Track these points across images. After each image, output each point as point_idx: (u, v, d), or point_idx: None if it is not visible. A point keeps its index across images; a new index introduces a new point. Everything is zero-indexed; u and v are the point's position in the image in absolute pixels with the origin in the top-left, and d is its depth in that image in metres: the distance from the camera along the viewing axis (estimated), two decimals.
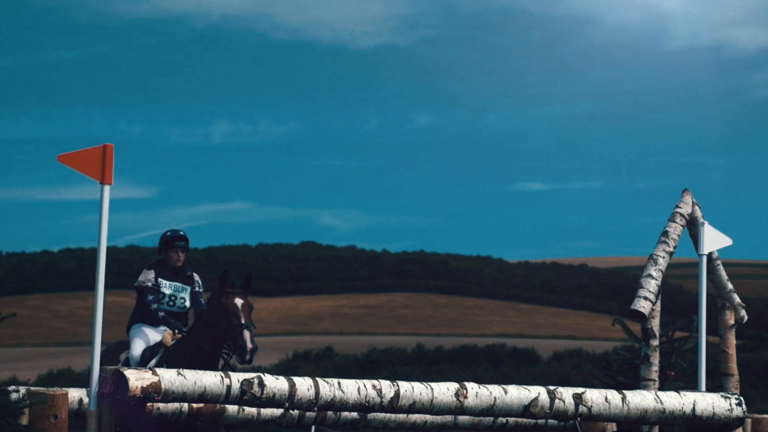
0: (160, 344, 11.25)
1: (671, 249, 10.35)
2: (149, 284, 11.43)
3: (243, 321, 10.50)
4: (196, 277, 11.63)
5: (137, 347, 11.27)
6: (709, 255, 10.66)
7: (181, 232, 11.64)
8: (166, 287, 11.44)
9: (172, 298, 11.43)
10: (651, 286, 10.10)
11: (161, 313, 11.36)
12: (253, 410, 9.19)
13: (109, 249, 7.86)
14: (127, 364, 11.24)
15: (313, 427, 14.06)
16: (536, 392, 8.77)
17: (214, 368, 10.59)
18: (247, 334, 10.35)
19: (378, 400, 8.18)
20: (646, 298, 10.05)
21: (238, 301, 10.62)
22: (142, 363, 11.12)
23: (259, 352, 10.44)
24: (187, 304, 11.49)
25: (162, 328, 11.41)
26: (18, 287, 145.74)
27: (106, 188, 7.82)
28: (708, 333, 10.24)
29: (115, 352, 11.71)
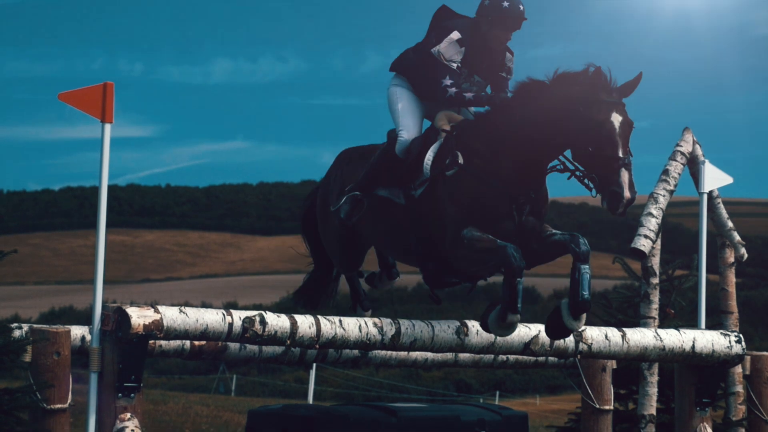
0: (434, 130, 8.12)
1: (672, 187, 10.34)
2: (453, 65, 8.00)
3: (621, 153, 7.38)
4: (511, 62, 8.24)
5: (409, 126, 8.16)
6: (710, 193, 10.65)
7: (521, 6, 8.03)
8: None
9: None
10: (651, 224, 10.10)
11: (468, 94, 7.94)
12: (254, 348, 9.22)
13: (110, 187, 7.84)
14: (387, 151, 8.25)
15: (314, 365, 14.16)
16: (537, 330, 8.81)
17: (539, 180, 7.91)
18: (625, 175, 7.35)
19: (379, 337, 8.22)
20: (646, 237, 10.06)
21: (617, 119, 7.43)
22: (407, 154, 8.16)
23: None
24: None
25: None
26: (19, 226, 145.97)
27: (107, 127, 7.80)
28: (708, 271, 10.26)
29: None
